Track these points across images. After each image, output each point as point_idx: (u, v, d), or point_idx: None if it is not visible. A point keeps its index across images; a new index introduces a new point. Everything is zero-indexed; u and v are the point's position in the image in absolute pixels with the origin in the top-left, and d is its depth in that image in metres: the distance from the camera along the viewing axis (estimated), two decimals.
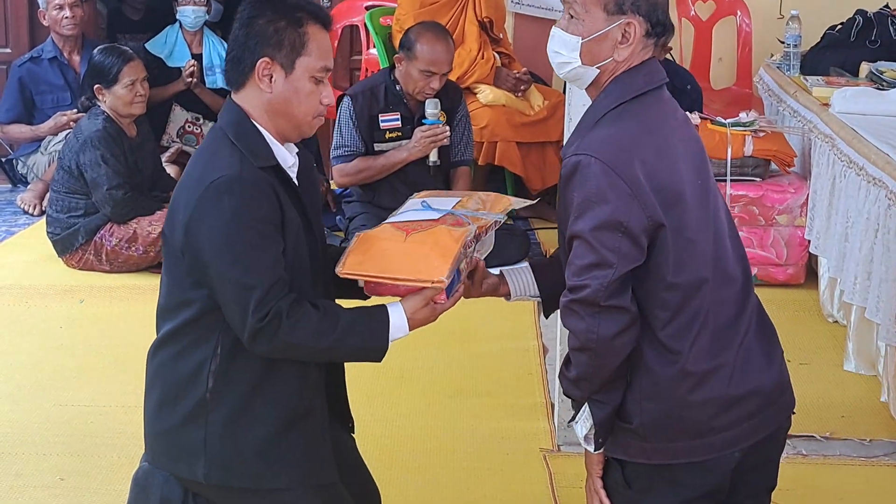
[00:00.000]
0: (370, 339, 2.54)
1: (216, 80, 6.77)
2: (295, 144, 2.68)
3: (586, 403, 2.50)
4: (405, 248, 2.58)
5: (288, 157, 2.61)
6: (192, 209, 2.47)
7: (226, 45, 2.69)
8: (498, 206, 2.84)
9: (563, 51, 2.47)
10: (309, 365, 2.60)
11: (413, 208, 2.77)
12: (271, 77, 2.55)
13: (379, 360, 2.58)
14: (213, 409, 2.55)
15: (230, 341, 2.53)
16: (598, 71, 2.46)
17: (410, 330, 2.59)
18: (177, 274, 2.57)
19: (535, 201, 2.87)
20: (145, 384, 2.66)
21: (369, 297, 2.71)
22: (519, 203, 2.94)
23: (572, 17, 2.45)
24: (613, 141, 2.38)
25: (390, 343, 2.56)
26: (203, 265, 2.48)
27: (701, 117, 5.47)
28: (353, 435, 2.89)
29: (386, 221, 2.73)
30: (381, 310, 2.56)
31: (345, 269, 2.58)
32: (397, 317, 2.56)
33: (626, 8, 2.41)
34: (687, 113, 5.33)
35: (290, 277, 2.51)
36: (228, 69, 2.61)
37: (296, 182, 2.62)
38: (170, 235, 2.56)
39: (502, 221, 2.84)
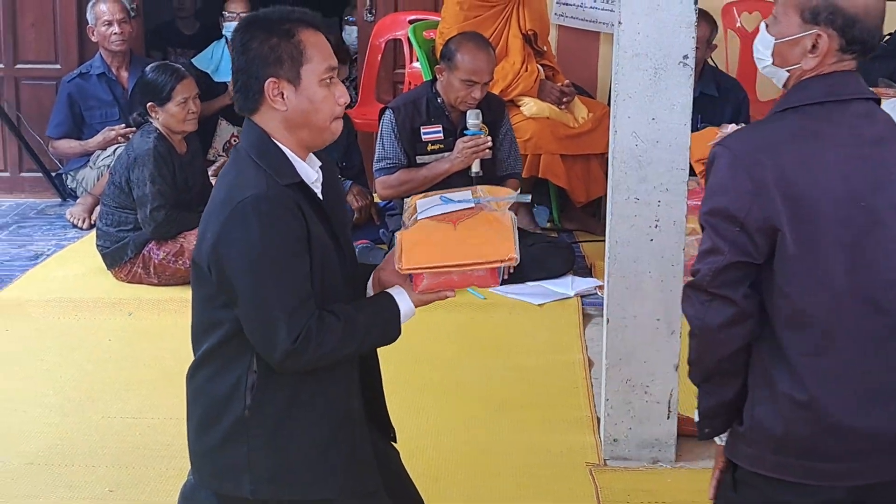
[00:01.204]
0: (387, 332, 2.62)
1: None
2: (321, 158, 2.69)
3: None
4: (460, 235, 2.61)
5: (311, 173, 2.62)
6: (219, 230, 2.49)
7: None
8: (503, 192, 2.87)
9: (761, 47, 2.52)
10: (344, 374, 2.63)
11: (434, 204, 2.77)
12: (282, 94, 2.56)
13: (391, 342, 2.66)
14: (254, 426, 2.57)
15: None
16: (787, 74, 2.48)
17: (416, 308, 2.67)
18: (205, 295, 2.59)
19: (527, 200, 2.90)
20: (186, 406, 2.69)
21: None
22: (520, 198, 2.94)
23: (775, 17, 2.48)
24: (754, 139, 2.41)
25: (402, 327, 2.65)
26: (230, 285, 2.49)
27: None
28: (395, 445, 2.90)
29: (418, 219, 2.74)
30: (389, 299, 2.63)
31: (406, 264, 2.57)
32: (403, 301, 2.63)
33: (819, 20, 2.40)
34: (733, 124, 5.33)
35: (320, 292, 2.52)
36: (239, 99, 2.62)
37: (321, 197, 2.63)
38: (198, 258, 2.57)
39: (518, 200, 2.89)
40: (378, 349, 2.74)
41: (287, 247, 2.47)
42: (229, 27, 7.05)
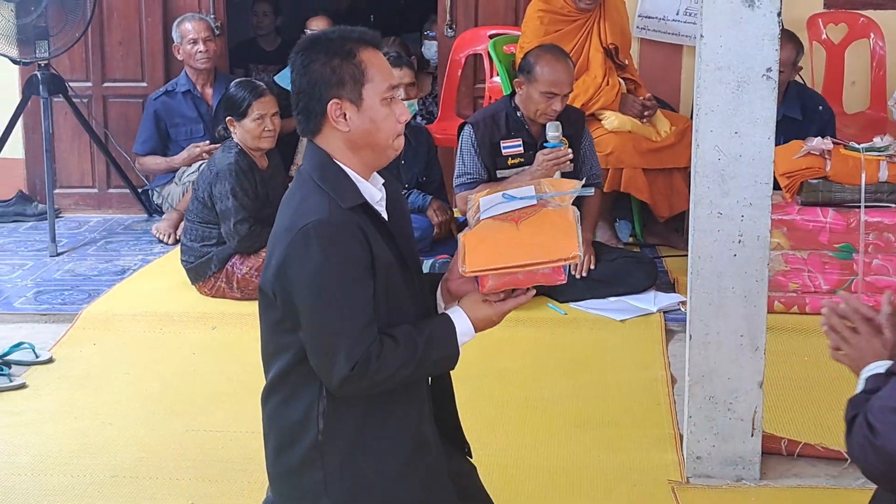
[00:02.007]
0: (445, 352, 2.59)
1: None
2: (384, 175, 2.69)
3: None
4: (523, 234, 2.61)
5: (375, 193, 2.63)
6: (283, 255, 2.51)
7: None
8: (567, 186, 2.85)
9: None
10: (415, 394, 2.63)
11: (497, 202, 2.77)
12: (345, 115, 2.57)
13: (453, 368, 2.63)
14: (328, 450, 2.58)
15: None
16: None
17: (477, 331, 2.63)
18: (272, 320, 2.60)
19: (588, 191, 2.86)
20: (262, 428, 2.71)
21: None
22: (584, 191, 2.90)
23: None
24: None
25: (461, 348, 2.61)
26: (294, 310, 2.51)
27: (834, 142, 5.38)
28: (473, 461, 2.90)
29: (479, 219, 2.73)
30: (446, 319, 2.61)
31: (469, 267, 2.57)
32: (461, 322, 2.61)
33: None
34: (818, 137, 5.27)
35: (385, 312, 2.53)
36: (301, 120, 2.62)
37: (385, 216, 2.63)
38: (264, 284, 2.59)
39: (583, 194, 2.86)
40: (457, 369, 2.72)
41: (349, 272, 2.48)
42: None
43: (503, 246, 2.59)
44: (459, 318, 2.61)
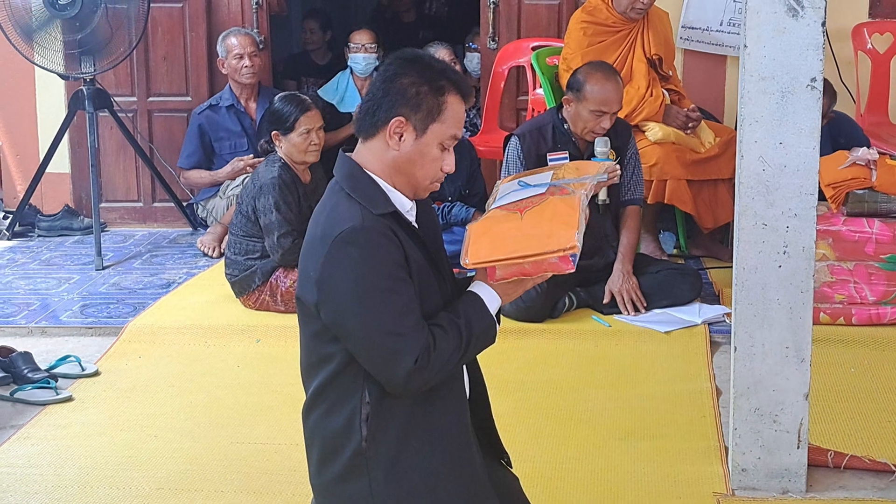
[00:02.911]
0: (483, 324, 2.63)
1: None
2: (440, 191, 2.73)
3: None
4: (525, 225, 2.63)
5: (405, 202, 2.66)
6: (322, 266, 2.53)
7: None
8: (592, 169, 2.85)
9: None
10: (454, 403, 2.65)
11: (512, 190, 2.80)
12: (401, 136, 2.59)
13: (494, 339, 2.66)
14: (372, 457, 2.60)
15: (377, 388, 2.58)
16: None
17: (503, 299, 2.66)
18: (313, 331, 2.62)
19: (613, 176, 2.87)
20: (305, 443, 2.73)
21: None
22: (601, 175, 2.91)
23: None
24: None
25: (495, 316, 2.65)
26: (339, 320, 2.53)
27: (879, 152, 5.34)
28: (514, 471, 2.90)
29: (491, 208, 2.75)
30: (470, 294, 2.66)
31: (471, 259, 2.62)
32: (483, 291, 2.65)
33: None
34: (864, 147, 5.23)
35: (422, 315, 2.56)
36: (361, 118, 2.65)
37: (415, 225, 2.66)
38: (302, 297, 2.61)
39: (604, 180, 2.89)
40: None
41: (390, 272, 2.51)
42: (355, 58, 7.18)
43: (504, 237, 2.62)
44: (481, 289, 2.66)
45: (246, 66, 6.87)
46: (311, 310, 2.59)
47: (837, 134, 6.18)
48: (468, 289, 2.68)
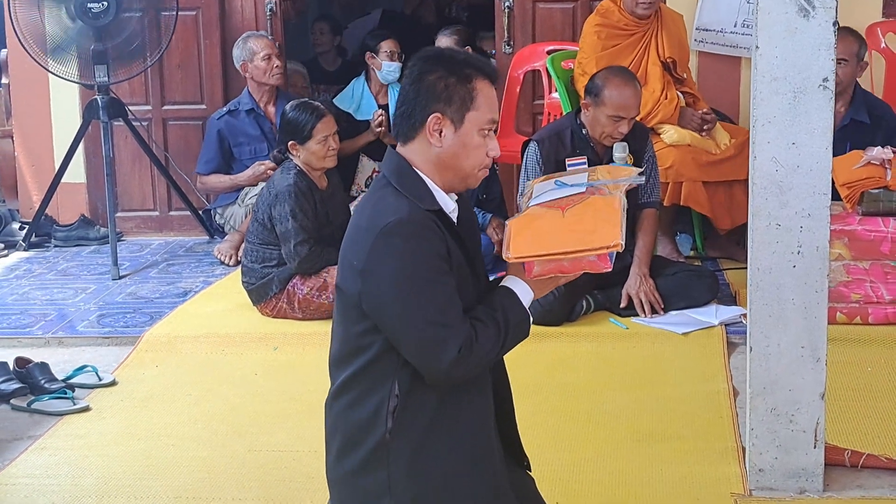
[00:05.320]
0: (518, 317, 2.66)
1: None
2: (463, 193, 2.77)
3: None
4: (567, 222, 2.65)
5: (449, 203, 2.70)
6: (366, 256, 2.56)
7: None
8: (624, 172, 2.89)
9: None
10: (480, 403, 2.67)
11: (549, 189, 2.82)
12: (441, 132, 2.64)
13: (528, 333, 2.69)
14: (395, 449, 2.61)
15: (407, 381, 2.61)
16: None
17: (536, 294, 2.70)
18: (351, 321, 2.64)
19: (641, 178, 2.90)
20: (325, 435, 2.73)
21: None
22: (636, 178, 2.93)
23: None
24: None
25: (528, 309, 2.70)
26: (382, 309, 2.55)
27: (894, 151, 5.32)
28: (531, 474, 2.91)
29: (530, 205, 2.76)
30: (503, 288, 2.70)
31: (514, 253, 2.65)
32: (516, 285, 2.69)
33: None
34: (879, 147, 5.23)
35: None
36: (398, 123, 2.69)
37: (457, 224, 2.70)
38: (343, 287, 2.64)
39: (641, 182, 2.93)
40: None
41: (434, 264, 2.56)
42: (389, 66, 7.12)
43: (546, 233, 2.64)
44: (515, 284, 2.69)
45: (276, 66, 6.85)
46: (351, 299, 2.62)
47: (872, 104, 6.14)
48: (501, 283, 2.72)
